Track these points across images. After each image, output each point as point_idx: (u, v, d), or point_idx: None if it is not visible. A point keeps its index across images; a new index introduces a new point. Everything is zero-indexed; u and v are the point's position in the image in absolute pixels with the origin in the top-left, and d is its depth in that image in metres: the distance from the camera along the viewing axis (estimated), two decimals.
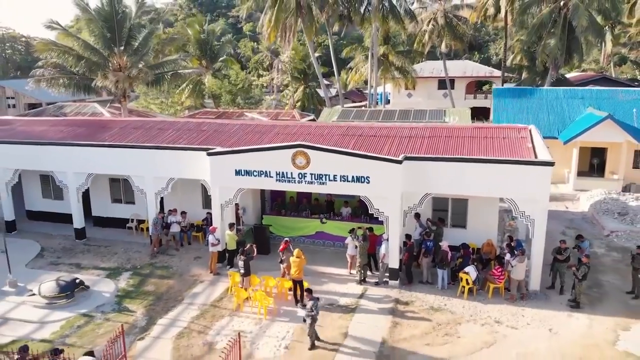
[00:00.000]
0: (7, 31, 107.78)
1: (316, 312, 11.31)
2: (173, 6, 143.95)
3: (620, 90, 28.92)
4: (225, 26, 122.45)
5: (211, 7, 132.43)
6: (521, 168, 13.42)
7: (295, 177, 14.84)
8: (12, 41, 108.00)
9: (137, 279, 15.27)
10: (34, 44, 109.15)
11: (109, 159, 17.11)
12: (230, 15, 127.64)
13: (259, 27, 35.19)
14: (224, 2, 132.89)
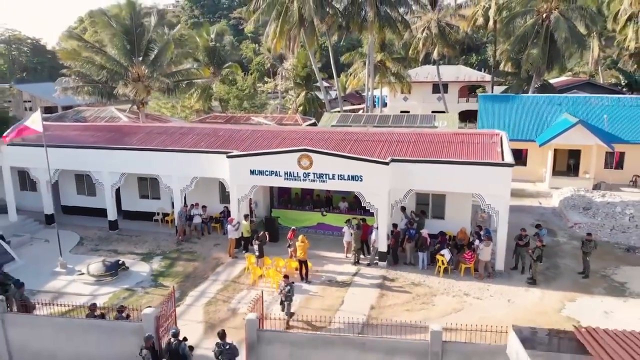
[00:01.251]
0: (13, 33, 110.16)
1: (292, 294, 13.90)
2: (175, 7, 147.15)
3: (594, 97, 31.94)
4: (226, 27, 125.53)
5: (213, 9, 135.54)
6: (486, 169, 16.50)
7: (301, 176, 17.94)
8: (17, 43, 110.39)
9: (167, 261, 18.36)
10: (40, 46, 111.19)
11: (141, 160, 20.20)
12: (231, 17, 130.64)
13: (265, 38, 38.15)
14: (225, 3, 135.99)
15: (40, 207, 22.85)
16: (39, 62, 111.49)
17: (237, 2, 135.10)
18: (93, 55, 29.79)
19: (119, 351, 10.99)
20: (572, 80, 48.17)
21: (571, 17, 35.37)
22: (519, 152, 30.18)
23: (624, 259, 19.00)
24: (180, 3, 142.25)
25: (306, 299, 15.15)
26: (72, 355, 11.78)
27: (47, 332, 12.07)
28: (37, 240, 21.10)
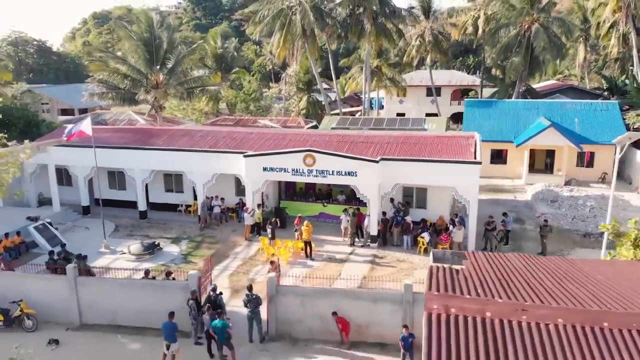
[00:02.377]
0: (20, 35, 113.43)
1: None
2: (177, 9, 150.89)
3: (569, 102, 35.72)
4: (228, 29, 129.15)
5: (214, 11, 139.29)
6: (459, 166, 20.28)
7: (305, 172, 21.72)
8: (24, 44, 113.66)
9: (193, 244, 22.15)
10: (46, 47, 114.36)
11: (169, 159, 23.99)
12: (233, 19, 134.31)
13: (270, 47, 41.89)
14: (227, 5, 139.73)
15: (74, 200, 26.61)
16: (45, 63, 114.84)
17: (239, 3, 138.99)
18: (119, 65, 33.43)
19: (170, 303, 14.68)
20: (556, 85, 51.92)
21: (550, 28, 39.13)
22: (499, 152, 34.09)
23: (580, 243, 22.78)
24: (182, 5, 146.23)
25: (310, 272, 18.90)
26: (132, 309, 15.54)
27: (111, 291, 15.83)
28: (78, 228, 24.87)
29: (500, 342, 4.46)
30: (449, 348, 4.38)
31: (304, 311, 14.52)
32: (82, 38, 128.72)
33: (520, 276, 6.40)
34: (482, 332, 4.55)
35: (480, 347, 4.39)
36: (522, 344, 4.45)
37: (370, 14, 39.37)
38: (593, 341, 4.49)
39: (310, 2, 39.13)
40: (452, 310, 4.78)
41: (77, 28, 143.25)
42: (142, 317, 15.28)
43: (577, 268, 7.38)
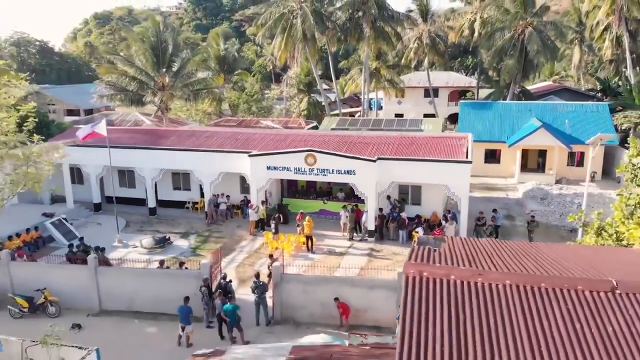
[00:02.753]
0: (22, 35, 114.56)
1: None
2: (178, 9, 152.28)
3: (560, 104, 37.17)
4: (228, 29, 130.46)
5: (215, 11, 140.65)
6: (450, 165, 21.73)
7: (307, 171, 23.16)
8: (26, 45, 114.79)
9: (201, 238, 23.59)
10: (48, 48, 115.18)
11: (178, 158, 25.43)
12: (233, 19, 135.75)
13: (271, 50, 43.32)
14: (227, 6, 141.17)
15: (85, 198, 28.05)
16: (47, 63, 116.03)
17: (239, 4, 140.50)
18: (127, 68, 34.81)
19: (183, 291, 16.09)
20: (550, 86, 53.36)
21: (544, 31, 40.57)
22: (493, 152, 35.53)
23: (566, 238, 24.14)
24: (183, 5, 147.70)
25: (312, 264, 20.33)
26: (148, 296, 16.97)
27: (128, 280, 17.29)
28: (90, 224, 26.32)
29: (460, 296, 5.89)
30: (420, 300, 5.81)
31: (306, 297, 15.97)
32: (83, 38, 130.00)
33: (485, 254, 7.81)
34: (446, 290, 5.97)
35: (444, 300, 5.82)
36: (476, 298, 5.88)
37: (369, 18, 40.79)
38: (532, 297, 5.92)
39: (311, 6, 40.55)
40: (424, 274, 6.20)
41: (79, 28, 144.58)
42: (157, 303, 16.73)
43: (538, 249, 8.80)
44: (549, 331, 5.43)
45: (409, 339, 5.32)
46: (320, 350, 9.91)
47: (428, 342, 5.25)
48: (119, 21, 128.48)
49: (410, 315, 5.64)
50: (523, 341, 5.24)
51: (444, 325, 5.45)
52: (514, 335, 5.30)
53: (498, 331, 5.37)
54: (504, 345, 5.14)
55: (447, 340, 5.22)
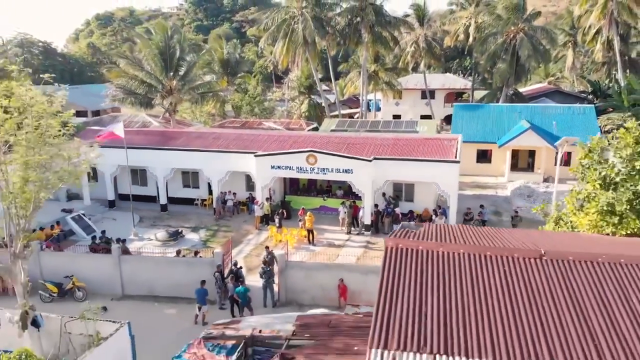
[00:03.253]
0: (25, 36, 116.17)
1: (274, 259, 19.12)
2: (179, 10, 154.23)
3: (549, 106, 39.26)
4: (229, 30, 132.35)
5: (215, 12, 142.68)
6: (440, 164, 23.82)
7: (308, 170, 25.25)
8: (29, 46, 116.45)
9: (210, 232, 25.69)
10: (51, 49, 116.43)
11: (188, 158, 27.51)
12: (234, 20, 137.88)
13: (274, 54, 45.39)
14: (228, 7, 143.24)
15: (100, 195, 30.11)
16: (50, 64, 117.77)
17: (239, 5, 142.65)
18: (137, 72, 36.83)
19: (198, 276, 18.17)
20: (542, 89, 55.47)
21: (535, 37, 42.67)
22: (485, 152, 37.63)
23: None
24: (184, 6, 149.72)
25: (312, 255, 22.43)
26: (166, 282, 19.06)
27: (149, 267, 19.38)
28: (106, 219, 28.40)
29: (424, 261, 7.96)
30: (395, 264, 7.89)
31: (308, 282, 18.07)
32: (85, 39, 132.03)
33: (452, 235, 9.84)
34: (415, 257, 8.04)
35: (413, 264, 7.90)
36: (437, 262, 7.95)
37: (367, 23, 42.87)
38: (478, 262, 7.97)
39: (311, 12, 42.61)
40: (399, 245, 8.26)
41: (80, 29, 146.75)
42: (175, 288, 18.82)
43: (498, 233, 10.85)
44: (489, 286, 7.53)
45: (386, 289, 7.44)
46: (321, 318, 12.02)
47: (399, 291, 7.37)
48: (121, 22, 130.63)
49: (387, 273, 7.76)
50: (469, 293, 7.34)
51: (412, 281, 7.56)
52: (462, 288, 7.40)
53: (451, 285, 7.48)
54: (454, 295, 7.25)
55: (413, 290, 7.34)
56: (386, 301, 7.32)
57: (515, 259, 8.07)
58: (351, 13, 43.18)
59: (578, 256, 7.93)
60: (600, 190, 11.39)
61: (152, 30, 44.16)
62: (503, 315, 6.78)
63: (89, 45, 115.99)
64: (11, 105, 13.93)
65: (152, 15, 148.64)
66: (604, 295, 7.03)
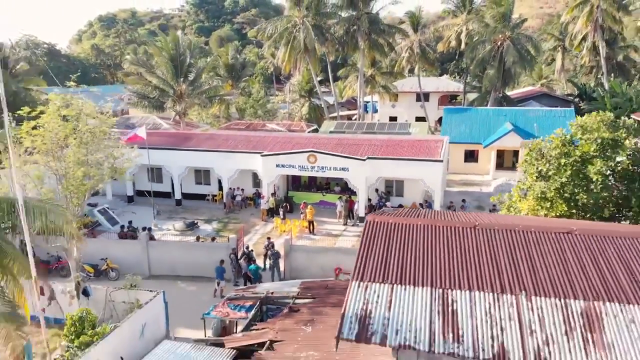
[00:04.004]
0: (30, 38, 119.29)
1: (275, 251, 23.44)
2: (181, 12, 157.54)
3: (532, 110, 42.73)
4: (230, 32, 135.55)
5: (217, 13, 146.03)
6: (425, 163, 27.26)
7: (309, 168, 28.68)
8: (34, 47, 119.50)
9: (222, 223, 29.14)
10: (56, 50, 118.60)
11: (201, 157, 30.95)
12: (235, 22, 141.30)
13: (277, 61, 48.83)
14: (229, 8, 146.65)
15: (118, 191, 33.57)
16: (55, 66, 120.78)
17: (241, 7, 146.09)
18: (150, 78, 40.27)
19: (216, 258, 21.57)
20: (530, 92, 58.89)
21: (520, 44, 46.11)
22: (472, 152, 41.06)
23: None
24: (185, 8, 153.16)
25: (313, 242, 25.86)
26: (187, 263, 22.48)
27: (172, 251, 22.82)
28: (126, 212, 31.83)
29: (391, 230, 11.43)
30: (372, 232, 11.34)
31: (309, 263, 21.50)
32: (88, 40, 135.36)
33: (418, 215, 13.28)
34: (386, 228, 11.46)
35: (383, 232, 11.35)
36: (401, 232, 11.40)
37: (364, 31, 46.31)
38: (430, 232, 11.44)
39: (312, 21, 46.03)
40: (376, 220, 11.66)
41: (83, 30, 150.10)
42: (195, 268, 22.25)
43: (459, 214, 14.28)
44: (435, 245, 10.96)
45: (364, 247, 10.90)
46: (320, 283, 15.49)
47: (373, 248, 10.83)
48: (124, 24, 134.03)
49: (365, 237, 11.22)
50: (420, 249, 10.78)
51: (381, 242, 11.01)
52: (415, 246, 10.85)
53: (408, 245, 10.92)
54: (410, 251, 10.70)
55: (381, 248, 10.79)
56: (363, 254, 10.75)
57: (455, 228, 11.52)
58: (348, 22, 46.63)
59: (500, 226, 11.39)
60: (537, 182, 14.79)
61: (157, 32, 47.34)
62: (443, 262, 10.22)
63: (93, 47, 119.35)
64: (69, 114, 17.41)
65: (154, 16, 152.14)
66: (510, 248, 10.48)
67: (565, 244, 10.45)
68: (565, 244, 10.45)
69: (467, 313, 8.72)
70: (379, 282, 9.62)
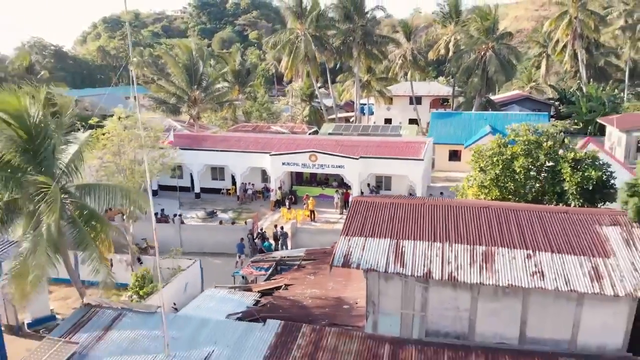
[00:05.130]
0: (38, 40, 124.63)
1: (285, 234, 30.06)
2: (183, 14, 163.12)
3: (510, 114, 48.55)
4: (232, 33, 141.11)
5: (219, 15, 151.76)
6: (408, 161, 33.06)
7: (310, 166, 34.49)
8: (42, 49, 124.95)
9: (236, 213, 34.93)
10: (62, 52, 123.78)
11: (218, 156, 36.75)
12: (236, 24, 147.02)
13: (280, 68, 54.61)
14: (231, 10, 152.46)
15: None
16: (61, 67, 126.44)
17: (242, 9, 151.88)
18: (168, 86, 46.03)
19: (236, 237, 27.30)
20: (513, 96, 64.74)
21: (502, 54, 51.89)
22: (455, 152, 46.83)
23: None
24: (187, 10, 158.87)
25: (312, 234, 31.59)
26: (212, 242, 28.25)
27: (200, 232, 28.62)
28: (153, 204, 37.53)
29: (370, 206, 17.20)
30: (355, 208, 17.15)
31: (311, 241, 27.22)
32: (93, 42, 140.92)
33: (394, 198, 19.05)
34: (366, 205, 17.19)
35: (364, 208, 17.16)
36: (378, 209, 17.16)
37: (358, 42, 52.12)
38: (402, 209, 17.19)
39: (313, 33, 51.79)
40: (358, 199, 17.38)
41: (88, 32, 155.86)
42: (219, 246, 28.01)
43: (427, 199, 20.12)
44: (404, 217, 16.72)
45: (349, 217, 16.71)
46: (319, 249, 21.30)
47: (355, 217, 16.62)
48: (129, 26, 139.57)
49: (351, 211, 17.02)
50: (391, 218, 16.56)
51: (362, 213, 16.78)
52: (388, 217, 16.62)
53: (382, 216, 16.69)
54: (383, 219, 16.50)
55: (361, 217, 16.57)
56: (349, 220, 16.47)
57: (410, 204, 17.26)
58: (344, 34, 52.42)
59: (441, 203, 17.17)
60: (478, 174, 20.54)
61: (160, 34, 52.30)
62: (399, 224, 15.97)
63: (99, 49, 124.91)
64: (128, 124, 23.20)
65: (157, 18, 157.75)
66: (444, 217, 16.22)
67: (481, 214, 16.21)
68: (481, 214, 16.21)
69: (410, 252, 14.45)
70: (357, 236, 15.35)
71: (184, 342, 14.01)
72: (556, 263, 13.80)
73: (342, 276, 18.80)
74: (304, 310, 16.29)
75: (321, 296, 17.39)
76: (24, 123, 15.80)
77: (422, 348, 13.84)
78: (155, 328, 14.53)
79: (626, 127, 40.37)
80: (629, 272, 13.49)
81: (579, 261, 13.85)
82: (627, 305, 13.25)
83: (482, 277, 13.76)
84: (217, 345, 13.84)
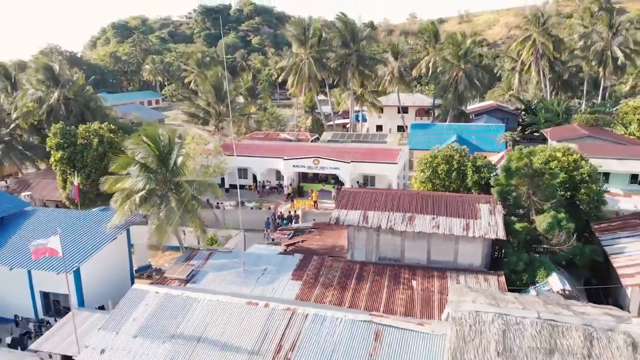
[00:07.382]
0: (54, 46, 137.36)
1: (296, 217, 44.05)
2: (189, 19, 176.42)
3: (474, 125, 62.21)
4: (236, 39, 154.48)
5: (223, 22, 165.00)
6: (387, 164, 46.70)
7: (313, 167, 48.16)
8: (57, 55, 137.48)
9: (258, 202, 48.56)
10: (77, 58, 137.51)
11: (242, 160, 50.35)
12: (240, 29, 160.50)
13: (287, 85, 68.22)
14: (234, 16, 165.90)
15: None
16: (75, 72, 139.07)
17: (245, 15, 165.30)
18: (199, 102, 59.57)
19: (263, 217, 40.78)
20: (485, 107, 78.43)
21: (471, 75, 65.55)
22: None
23: None
24: (192, 16, 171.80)
25: (316, 215, 45.16)
26: (247, 220, 41.65)
27: (237, 213, 42.19)
28: None
29: (354, 194, 30.79)
30: (343, 196, 30.84)
31: (316, 220, 40.79)
32: (102, 47, 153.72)
33: (373, 190, 32.31)
34: (349, 192, 30.83)
35: (349, 194, 30.90)
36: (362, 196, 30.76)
37: (352, 64, 65.77)
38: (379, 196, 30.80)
39: (316, 55, 65.37)
40: (345, 189, 30.93)
41: (97, 37, 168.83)
42: (251, 224, 41.49)
43: (400, 190, 33.44)
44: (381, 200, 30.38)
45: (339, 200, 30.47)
46: (323, 222, 35.06)
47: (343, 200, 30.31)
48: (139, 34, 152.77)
49: (340, 196, 30.74)
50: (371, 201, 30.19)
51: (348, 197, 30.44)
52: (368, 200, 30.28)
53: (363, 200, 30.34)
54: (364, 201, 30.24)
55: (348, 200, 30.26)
56: (339, 200, 30.15)
57: (379, 192, 30.89)
58: (340, 59, 66.09)
59: (398, 192, 30.79)
60: (420, 174, 34.19)
61: (167, 39, 64.60)
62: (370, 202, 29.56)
63: (111, 55, 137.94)
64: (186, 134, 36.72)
65: (163, 23, 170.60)
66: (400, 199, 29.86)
67: (412, 197, 29.78)
68: (412, 197, 29.78)
69: (371, 216, 27.98)
70: (344, 209, 28.90)
71: (250, 264, 27.59)
72: (447, 221, 27.44)
73: (335, 236, 32.37)
74: (313, 251, 29.93)
75: (323, 245, 31.01)
76: (157, 142, 29.29)
77: (376, 266, 27.49)
78: (233, 258, 28.09)
79: (556, 137, 53.80)
80: (485, 226, 27.16)
81: (459, 221, 27.50)
82: (481, 242, 26.91)
83: (407, 228, 27.37)
84: (269, 264, 27.44)
